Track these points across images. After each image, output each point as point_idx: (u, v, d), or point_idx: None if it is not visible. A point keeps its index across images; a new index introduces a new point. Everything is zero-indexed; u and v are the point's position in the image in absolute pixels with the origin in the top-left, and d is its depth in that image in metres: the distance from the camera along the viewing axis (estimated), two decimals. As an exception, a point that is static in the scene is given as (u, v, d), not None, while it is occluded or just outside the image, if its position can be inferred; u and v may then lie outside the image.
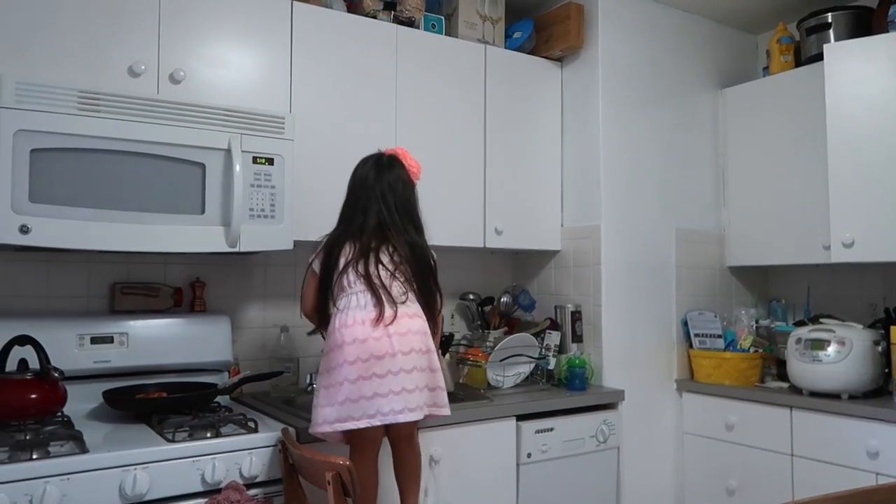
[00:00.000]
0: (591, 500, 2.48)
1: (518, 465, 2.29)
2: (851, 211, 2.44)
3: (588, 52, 2.77)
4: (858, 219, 2.42)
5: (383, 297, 1.75)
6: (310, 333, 1.98)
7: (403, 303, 1.78)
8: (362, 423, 1.68)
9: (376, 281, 1.76)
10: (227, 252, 2.08)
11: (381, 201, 1.84)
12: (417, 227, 1.88)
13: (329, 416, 1.70)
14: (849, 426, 2.29)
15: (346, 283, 1.79)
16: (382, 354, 1.69)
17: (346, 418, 1.69)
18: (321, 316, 1.87)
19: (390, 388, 1.69)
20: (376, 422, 1.68)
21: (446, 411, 1.81)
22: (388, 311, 1.73)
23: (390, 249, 1.82)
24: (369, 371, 1.68)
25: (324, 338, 1.84)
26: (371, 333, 1.71)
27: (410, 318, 1.77)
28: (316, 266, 1.88)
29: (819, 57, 2.66)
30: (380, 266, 1.79)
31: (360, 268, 1.78)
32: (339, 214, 1.91)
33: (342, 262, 1.80)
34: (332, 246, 1.85)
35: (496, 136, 2.70)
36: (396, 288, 1.79)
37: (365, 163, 1.92)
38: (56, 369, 1.84)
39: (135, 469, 1.61)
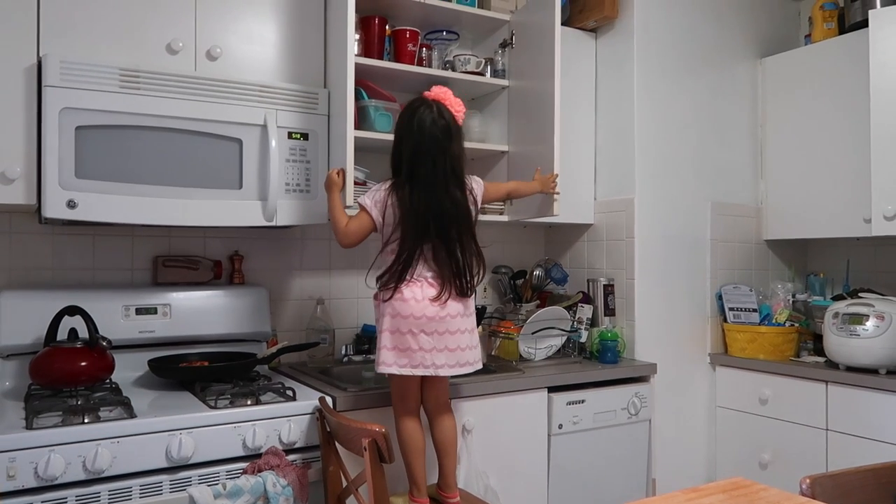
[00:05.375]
0: (622, 471, 2.51)
1: (549, 435, 2.32)
2: (894, 183, 2.38)
3: (623, 22, 2.73)
4: (901, 191, 2.36)
5: (446, 277, 1.85)
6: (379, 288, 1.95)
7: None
8: (418, 371, 1.83)
9: (443, 263, 1.84)
10: (265, 226, 2.13)
11: (434, 157, 1.82)
12: (461, 185, 1.87)
13: (388, 359, 1.82)
14: (886, 401, 2.26)
15: (416, 257, 1.84)
16: (434, 316, 1.83)
17: (405, 364, 1.82)
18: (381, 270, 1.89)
19: (446, 345, 1.84)
20: (430, 372, 1.83)
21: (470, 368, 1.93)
22: (447, 290, 1.84)
23: (438, 206, 1.83)
24: (431, 328, 1.82)
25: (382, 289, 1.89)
26: (432, 305, 1.83)
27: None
28: (375, 216, 1.87)
29: (864, 23, 2.58)
30: (439, 249, 1.84)
31: (429, 250, 1.84)
32: (397, 162, 1.89)
33: (411, 239, 1.83)
34: (406, 215, 1.83)
35: (529, 109, 2.68)
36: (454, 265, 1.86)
37: (421, 113, 1.84)
38: (104, 338, 1.93)
39: (180, 433, 1.68)
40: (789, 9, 3.16)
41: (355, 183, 2.11)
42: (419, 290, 1.83)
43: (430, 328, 1.82)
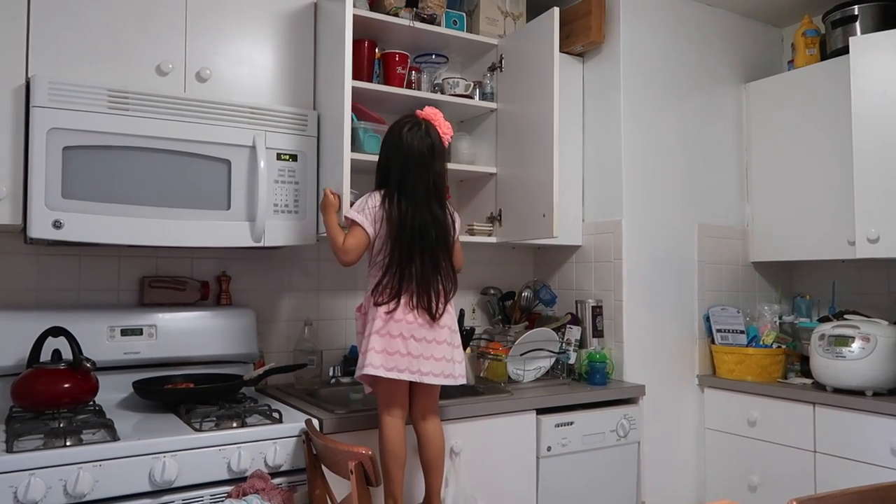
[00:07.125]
0: (611, 494, 2.49)
1: (538, 458, 2.31)
2: (876, 206, 2.41)
3: (610, 47, 2.77)
4: (884, 214, 2.39)
5: (433, 299, 1.88)
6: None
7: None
8: (404, 376, 1.83)
9: (424, 279, 1.87)
10: (253, 247, 2.13)
11: (420, 173, 1.87)
12: (441, 202, 1.92)
13: (374, 361, 1.82)
14: (873, 423, 2.27)
15: (407, 272, 1.85)
16: (426, 324, 1.87)
17: (392, 368, 1.82)
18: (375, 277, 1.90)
19: (433, 353, 1.86)
20: (416, 378, 1.84)
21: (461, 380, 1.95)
22: (436, 309, 1.88)
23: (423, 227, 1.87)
24: (421, 335, 1.85)
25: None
26: (423, 316, 1.87)
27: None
28: (370, 230, 1.89)
29: (845, 50, 2.62)
30: (421, 264, 1.86)
31: (414, 266, 1.86)
32: (384, 176, 1.93)
33: (402, 253, 1.85)
34: (392, 229, 1.86)
35: (517, 132, 2.71)
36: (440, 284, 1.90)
37: (409, 129, 1.89)
38: (88, 360, 1.90)
39: (164, 457, 1.66)
40: (772, 35, 3.22)
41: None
42: (415, 301, 1.86)
43: (420, 335, 1.84)
